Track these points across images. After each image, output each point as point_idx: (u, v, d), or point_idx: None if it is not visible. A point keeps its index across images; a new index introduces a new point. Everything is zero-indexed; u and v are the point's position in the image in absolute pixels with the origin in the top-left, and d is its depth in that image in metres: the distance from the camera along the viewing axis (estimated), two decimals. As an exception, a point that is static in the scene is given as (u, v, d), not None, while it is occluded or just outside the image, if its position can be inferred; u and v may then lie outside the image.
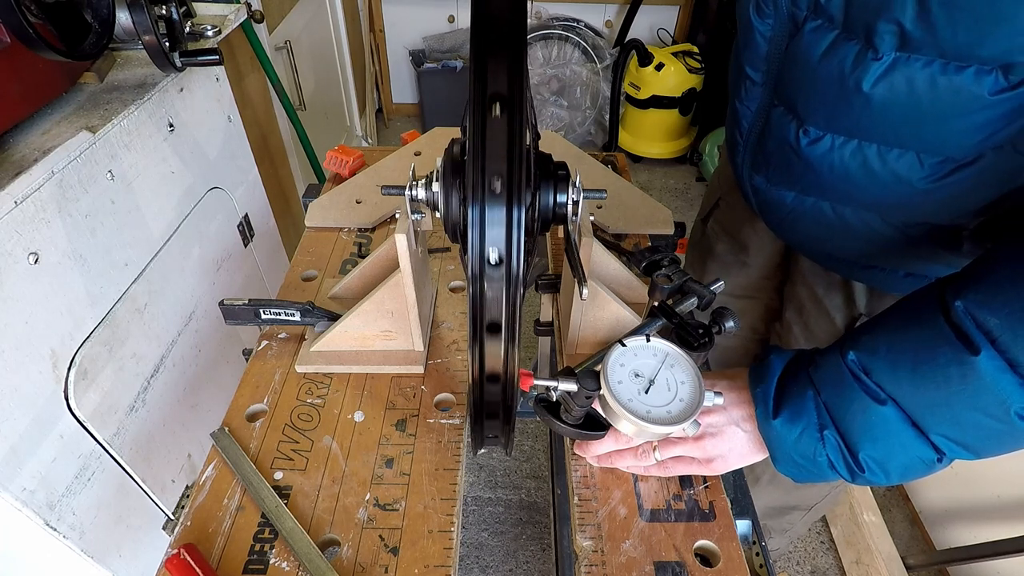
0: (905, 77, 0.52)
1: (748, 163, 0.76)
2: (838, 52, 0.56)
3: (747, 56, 0.67)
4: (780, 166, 0.70)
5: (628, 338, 0.56)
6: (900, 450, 0.49)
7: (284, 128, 1.74)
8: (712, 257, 1.03)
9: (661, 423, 0.51)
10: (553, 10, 3.00)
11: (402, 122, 3.40)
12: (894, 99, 0.54)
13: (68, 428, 0.77)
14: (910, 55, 0.51)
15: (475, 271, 0.42)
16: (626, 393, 0.53)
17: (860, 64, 0.54)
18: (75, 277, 0.77)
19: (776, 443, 0.53)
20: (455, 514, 0.57)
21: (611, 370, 0.54)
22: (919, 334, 0.48)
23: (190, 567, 0.50)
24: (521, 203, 0.41)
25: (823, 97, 0.60)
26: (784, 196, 0.72)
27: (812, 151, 0.64)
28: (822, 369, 0.52)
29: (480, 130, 0.40)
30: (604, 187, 0.56)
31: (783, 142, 0.67)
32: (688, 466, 0.58)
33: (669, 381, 0.54)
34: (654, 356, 0.55)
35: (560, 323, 0.75)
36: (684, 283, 0.60)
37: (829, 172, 0.64)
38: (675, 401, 0.52)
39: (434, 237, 0.89)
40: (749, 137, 0.74)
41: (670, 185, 2.99)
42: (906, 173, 0.59)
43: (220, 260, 1.16)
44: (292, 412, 0.65)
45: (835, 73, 0.57)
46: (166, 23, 0.86)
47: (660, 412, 0.51)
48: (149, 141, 0.92)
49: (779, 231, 0.81)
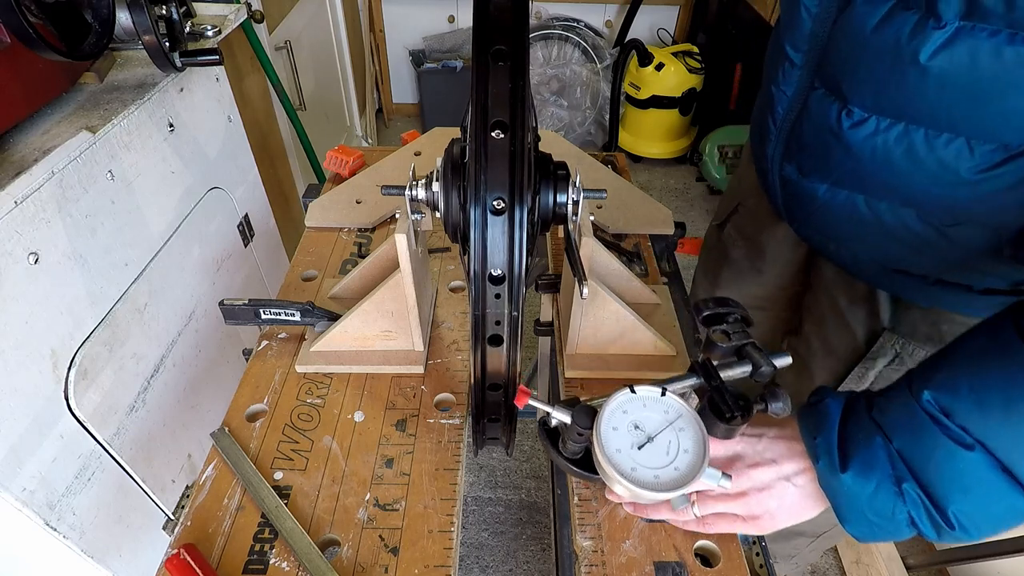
0: (968, 48, 0.48)
1: (780, 152, 0.73)
2: (894, 22, 0.52)
3: (789, 36, 0.64)
4: (816, 154, 0.67)
5: (642, 386, 0.52)
6: (993, 501, 0.43)
7: (284, 128, 1.74)
8: (727, 264, 1.00)
9: (644, 486, 0.46)
10: (553, 10, 3.00)
11: (402, 122, 3.40)
12: (953, 73, 0.50)
13: (68, 428, 0.77)
14: (975, 24, 0.47)
15: (477, 292, 0.43)
16: (617, 442, 0.49)
17: (919, 33, 0.50)
18: (75, 277, 0.77)
19: (846, 500, 0.48)
20: (455, 514, 0.57)
21: (610, 414, 0.50)
22: (1006, 368, 0.43)
23: (190, 567, 0.50)
24: (523, 229, 0.42)
25: (872, 73, 0.56)
26: (816, 188, 0.69)
27: (854, 135, 0.60)
28: (891, 413, 0.47)
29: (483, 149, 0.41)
30: (604, 187, 0.56)
31: (822, 126, 0.64)
32: (731, 523, 0.54)
33: (671, 444, 0.49)
34: (664, 413, 0.51)
35: (560, 323, 0.75)
36: (744, 347, 0.52)
37: (870, 159, 0.60)
38: (669, 468, 0.47)
39: (434, 237, 0.89)
40: (783, 124, 0.70)
41: (670, 185, 2.99)
42: (953, 161, 0.55)
43: (220, 260, 1.16)
44: (292, 412, 0.65)
45: (889, 44, 0.53)
46: (166, 23, 0.86)
47: (647, 474, 0.47)
48: (149, 141, 0.92)
49: (804, 229, 0.78)
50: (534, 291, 0.79)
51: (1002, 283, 0.63)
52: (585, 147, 1.70)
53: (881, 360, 0.77)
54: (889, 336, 0.75)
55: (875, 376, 0.78)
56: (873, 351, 0.77)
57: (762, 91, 0.74)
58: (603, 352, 0.70)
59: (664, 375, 0.69)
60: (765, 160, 0.76)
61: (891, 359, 0.76)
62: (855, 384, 0.80)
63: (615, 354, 0.70)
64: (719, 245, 1.02)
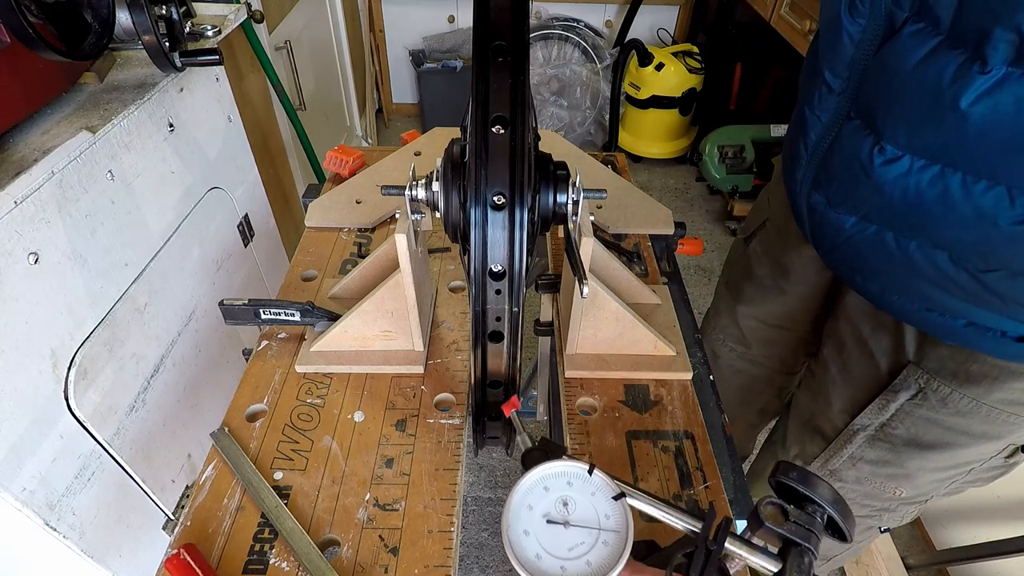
0: (1014, 96, 0.46)
1: (809, 179, 0.69)
2: (937, 61, 0.49)
3: (828, 59, 0.60)
4: (845, 186, 0.64)
5: (598, 471, 0.43)
6: None
7: (284, 128, 1.74)
8: (750, 280, 0.97)
9: (522, 558, 0.40)
10: (553, 10, 3.00)
11: (402, 122, 3.40)
12: (996, 121, 0.47)
13: (68, 428, 0.77)
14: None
15: (478, 288, 0.43)
16: (533, 501, 0.42)
17: (962, 77, 0.48)
18: (75, 277, 0.77)
19: None
20: (455, 514, 0.57)
21: (543, 472, 0.43)
22: None
23: (190, 567, 0.50)
24: (523, 226, 0.42)
25: (909, 112, 0.53)
26: (843, 220, 0.65)
27: (885, 172, 0.57)
28: None
29: (483, 143, 0.41)
30: (604, 187, 0.56)
31: (853, 159, 0.60)
32: None
33: (590, 543, 0.41)
34: (592, 499, 0.42)
35: (560, 323, 0.75)
36: (794, 546, 0.38)
37: (901, 199, 0.57)
38: (576, 560, 0.40)
39: (434, 237, 0.89)
40: (816, 150, 0.67)
41: (670, 185, 2.99)
42: (992, 210, 0.51)
43: (220, 260, 1.16)
44: (292, 412, 0.65)
45: (930, 85, 0.50)
46: (166, 23, 0.86)
47: (542, 552, 0.40)
48: (149, 141, 0.92)
49: (831, 259, 0.74)
50: (534, 291, 0.79)
51: None
52: (585, 147, 1.70)
53: (904, 394, 0.73)
54: (913, 369, 0.72)
55: (896, 409, 0.75)
56: (896, 384, 0.74)
57: (796, 111, 0.71)
58: (603, 352, 0.70)
59: (664, 375, 0.70)
60: (794, 183, 0.73)
61: (914, 393, 0.72)
62: (875, 416, 0.77)
63: (615, 354, 0.70)
64: (743, 259, 0.99)
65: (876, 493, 0.85)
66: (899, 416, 0.75)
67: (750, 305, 0.99)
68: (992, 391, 0.67)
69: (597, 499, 0.43)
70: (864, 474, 0.84)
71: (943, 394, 0.70)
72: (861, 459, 0.83)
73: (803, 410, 0.93)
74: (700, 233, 2.67)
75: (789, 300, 0.92)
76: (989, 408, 0.68)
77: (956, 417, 0.71)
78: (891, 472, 0.81)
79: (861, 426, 0.80)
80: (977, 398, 0.68)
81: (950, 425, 0.72)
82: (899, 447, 0.78)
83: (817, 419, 0.89)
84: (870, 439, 0.80)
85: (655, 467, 0.61)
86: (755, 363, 1.05)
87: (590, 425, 0.65)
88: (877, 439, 0.79)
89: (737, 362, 1.06)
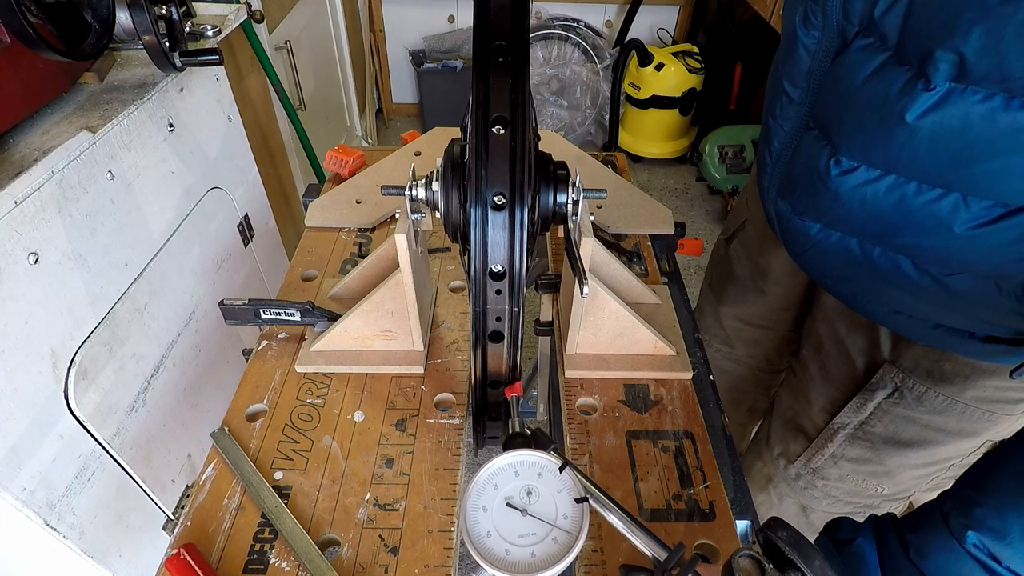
0: (959, 111, 0.46)
1: (775, 187, 0.70)
2: (884, 77, 0.50)
3: (787, 70, 0.62)
4: (807, 195, 0.64)
5: (568, 467, 0.44)
6: None
7: (284, 128, 1.74)
8: (731, 280, 0.98)
9: (472, 532, 0.41)
10: (553, 10, 3.00)
11: (402, 122, 3.40)
12: (944, 134, 0.48)
13: (68, 428, 0.77)
14: (967, 87, 0.45)
15: (478, 288, 0.43)
16: (501, 481, 0.43)
17: (908, 93, 0.49)
18: (75, 277, 0.77)
19: None
20: (455, 514, 0.57)
21: (518, 458, 0.44)
22: None
23: (190, 567, 0.50)
24: (523, 226, 0.42)
25: (861, 125, 0.54)
26: (809, 227, 0.66)
27: (842, 183, 0.58)
28: (932, 557, 0.44)
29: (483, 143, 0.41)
30: (604, 187, 0.56)
31: (812, 169, 0.61)
32: None
33: (540, 536, 0.41)
34: (556, 496, 0.43)
35: (560, 323, 0.75)
36: None
37: (860, 208, 0.58)
38: (523, 548, 0.40)
39: (434, 237, 0.89)
40: (780, 159, 0.68)
41: (670, 185, 2.99)
42: (947, 216, 0.52)
43: (220, 260, 1.16)
44: (292, 412, 0.65)
45: (878, 100, 0.51)
46: (166, 23, 0.86)
47: (493, 531, 0.41)
48: (149, 141, 0.92)
49: (802, 263, 0.75)
50: (534, 291, 0.79)
51: (1005, 332, 0.60)
52: (585, 147, 1.70)
53: (880, 392, 0.75)
54: (889, 368, 0.73)
55: (874, 408, 0.76)
56: (872, 383, 0.75)
57: (763, 118, 0.72)
58: (603, 352, 0.70)
59: (664, 375, 0.70)
60: (763, 190, 0.74)
61: (891, 392, 0.74)
62: (854, 415, 0.79)
63: (615, 354, 0.70)
64: (725, 260, 1.00)
65: (859, 490, 0.86)
66: (877, 414, 0.77)
67: (732, 306, 1.00)
68: (966, 389, 0.68)
69: (561, 497, 0.43)
70: (846, 472, 0.85)
71: (918, 392, 0.72)
72: (842, 457, 0.84)
73: (785, 409, 0.94)
74: (700, 233, 2.67)
75: (769, 300, 0.94)
76: (964, 406, 0.69)
77: (932, 415, 0.72)
78: (872, 470, 0.82)
79: (841, 424, 0.81)
80: (952, 396, 0.69)
81: (927, 423, 0.73)
82: (878, 445, 0.79)
83: (799, 418, 0.90)
84: (850, 437, 0.81)
85: (655, 467, 0.61)
86: (740, 363, 1.06)
87: (590, 425, 0.65)
88: (857, 437, 0.81)
89: (723, 362, 1.07)
